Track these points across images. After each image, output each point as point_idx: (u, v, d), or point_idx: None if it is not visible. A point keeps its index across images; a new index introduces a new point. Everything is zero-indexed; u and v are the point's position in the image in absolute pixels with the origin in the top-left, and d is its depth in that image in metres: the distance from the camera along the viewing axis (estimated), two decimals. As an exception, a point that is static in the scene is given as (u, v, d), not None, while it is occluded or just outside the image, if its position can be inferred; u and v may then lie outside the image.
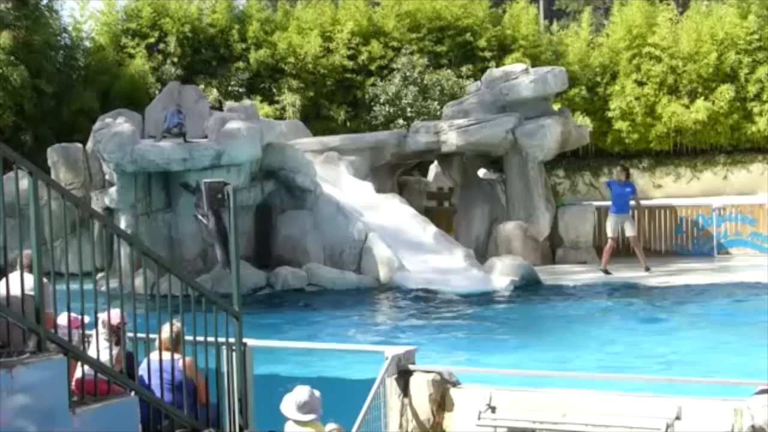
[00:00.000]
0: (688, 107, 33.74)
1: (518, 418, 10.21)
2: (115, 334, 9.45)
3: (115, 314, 9.54)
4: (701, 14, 36.09)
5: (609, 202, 28.49)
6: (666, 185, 33.72)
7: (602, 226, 30.29)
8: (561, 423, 10.03)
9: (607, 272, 26.98)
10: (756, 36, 34.08)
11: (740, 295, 23.68)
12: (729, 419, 9.53)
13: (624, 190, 27.75)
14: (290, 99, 34.34)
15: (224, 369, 10.28)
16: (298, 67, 35.24)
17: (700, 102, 33.59)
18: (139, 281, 9.66)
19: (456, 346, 18.83)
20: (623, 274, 26.90)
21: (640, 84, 34.68)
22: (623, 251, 29.63)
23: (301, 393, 9.56)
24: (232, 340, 10.28)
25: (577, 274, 27.36)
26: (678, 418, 9.55)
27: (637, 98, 34.32)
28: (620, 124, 34.22)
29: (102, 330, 9.56)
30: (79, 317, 9.31)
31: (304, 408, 9.45)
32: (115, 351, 9.32)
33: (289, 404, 9.53)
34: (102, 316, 9.59)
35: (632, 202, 27.87)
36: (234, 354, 10.29)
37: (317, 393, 9.63)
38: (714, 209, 30.58)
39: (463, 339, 19.76)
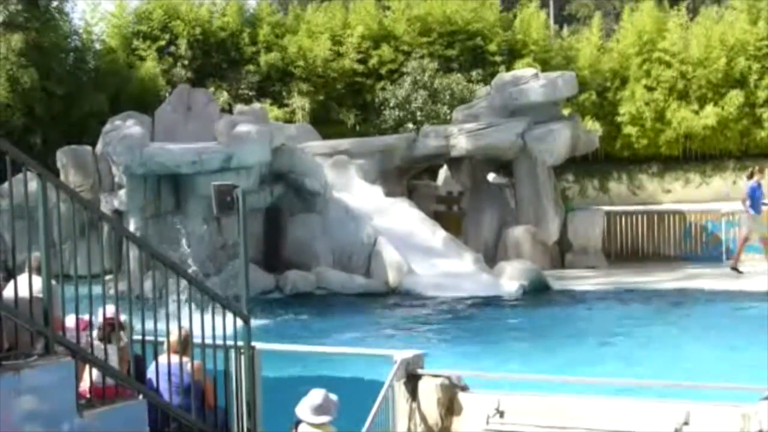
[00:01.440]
0: (697, 113, 33.75)
1: (526, 423, 10.20)
2: (107, 329, 9.37)
3: (108, 311, 9.50)
4: (711, 20, 36.11)
5: (619, 207, 28.45)
6: (675, 190, 33.70)
7: (611, 230, 30.32)
8: (569, 428, 10.02)
9: (738, 271, 26.76)
10: (766, 42, 34.09)
11: (749, 300, 23.62)
12: (737, 424, 9.51)
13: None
14: (300, 102, 34.40)
15: (232, 372, 10.28)
16: (308, 70, 35.30)
17: (709, 108, 33.59)
18: (147, 284, 9.63)
19: (464, 350, 18.80)
20: (632, 278, 26.85)
21: (650, 89, 34.68)
22: (630, 256, 29.65)
23: (316, 395, 9.57)
24: (240, 343, 10.28)
25: (586, 279, 27.31)
26: (686, 423, 9.53)
27: (646, 103, 34.33)
28: (630, 129, 34.24)
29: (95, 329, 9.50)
30: (87, 319, 9.31)
31: (318, 410, 9.45)
32: (111, 351, 9.26)
33: (303, 406, 9.53)
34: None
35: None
36: (242, 357, 10.29)
37: (334, 397, 9.63)
38: (723, 215, 30.52)
39: (472, 343, 19.73)
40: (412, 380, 10.77)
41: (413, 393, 10.75)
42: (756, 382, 10.75)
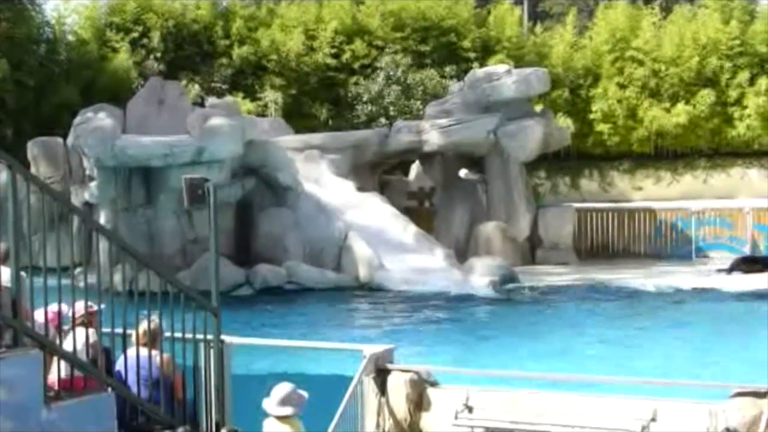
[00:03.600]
0: (669, 111, 33.86)
1: (495, 419, 10.21)
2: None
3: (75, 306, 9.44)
4: (684, 19, 36.21)
5: (590, 204, 28.56)
6: (646, 188, 33.80)
7: (582, 227, 30.48)
8: (537, 424, 10.03)
9: None
10: (737, 41, 34.23)
11: (719, 298, 23.77)
12: (704, 421, 9.55)
13: None
14: (272, 96, 34.32)
15: (201, 366, 10.24)
16: (281, 64, 35.22)
17: (681, 106, 33.71)
18: (117, 277, 9.59)
19: (434, 345, 18.84)
20: (602, 275, 26.95)
21: (623, 87, 34.78)
22: (601, 252, 29.83)
23: (282, 389, 9.54)
24: (210, 336, 10.25)
25: (556, 275, 27.41)
26: (654, 419, 9.56)
27: (619, 101, 34.42)
28: (602, 127, 34.32)
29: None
30: (56, 312, 9.25)
31: (282, 403, 9.43)
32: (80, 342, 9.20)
33: (269, 400, 9.52)
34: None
35: None
36: (212, 351, 10.26)
37: (304, 393, 9.61)
38: (693, 212, 30.68)
39: (442, 339, 19.78)
40: (381, 375, 10.76)
41: (382, 388, 10.74)
42: (724, 379, 10.81)
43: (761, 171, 33.23)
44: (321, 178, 28.84)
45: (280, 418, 9.47)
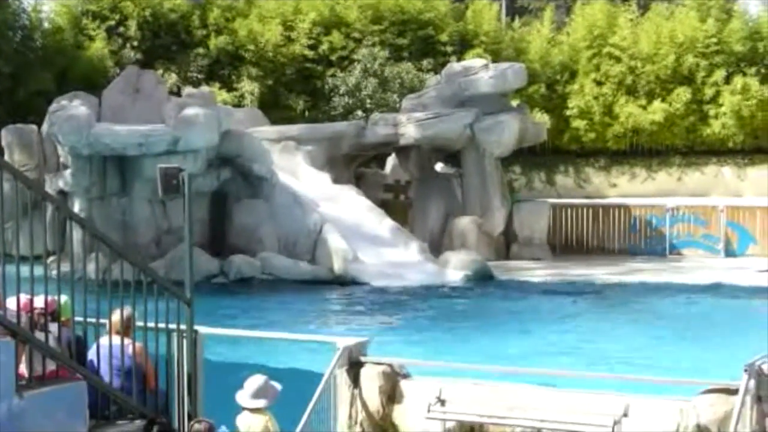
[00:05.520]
0: (645, 108, 33.94)
1: (467, 412, 10.22)
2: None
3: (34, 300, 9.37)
4: (662, 16, 36.30)
5: (565, 200, 28.64)
6: (621, 184, 33.89)
7: (557, 223, 30.59)
8: (510, 418, 10.05)
9: None
10: (714, 39, 34.33)
11: (691, 295, 23.86)
12: (675, 418, 9.59)
13: None
14: (249, 87, 34.23)
15: (174, 356, 10.21)
16: (259, 55, 35.13)
17: (657, 103, 33.80)
18: (91, 266, 9.53)
19: (408, 338, 18.84)
20: (576, 271, 27.02)
21: (599, 83, 34.85)
22: (575, 248, 29.93)
23: (255, 381, 9.56)
24: (183, 327, 10.22)
25: (530, 271, 27.47)
26: (625, 415, 9.59)
27: (595, 97, 34.50)
28: (578, 123, 34.39)
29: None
30: (29, 300, 9.19)
31: (255, 395, 9.45)
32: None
33: (242, 392, 9.53)
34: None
35: None
36: (185, 341, 10.23)
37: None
38: (667, 210, 30.80)
39: (416, 332, 19.78)
40: (354, 367, 10.76)
41: (355, 380, 10.74)
42: (695, 376, 10.85)
43: (735, 169, 33.37)
44: (297, 170, 28.80)
45: (253, 410, 9.47)
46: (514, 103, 32.04)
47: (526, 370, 11.56)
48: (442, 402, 10.32)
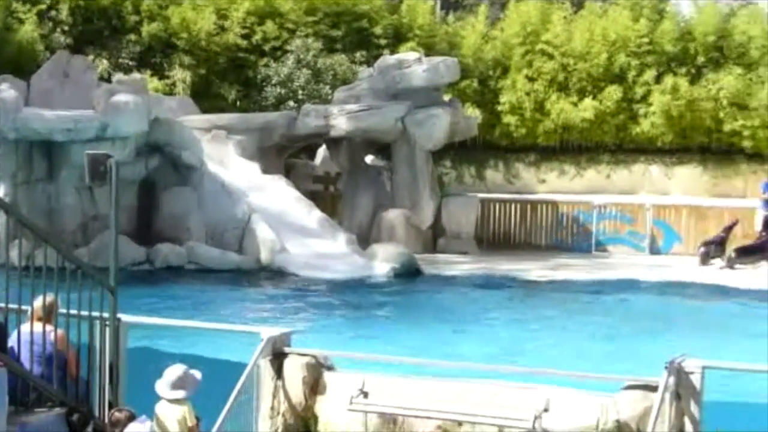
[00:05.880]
0: (576, 105, 34.21)
1: (389, 405, 10.26)
2: None
3: None
4: (595, 14, 36.57)
5: (494, 195, 28.85)
6: (550, 180, 34.13)
7: (485, 217, 30.80)
8: (431, 411, 10.10)
9: None
10: (646, 39, 34.67)
11: (615, 291, 24.08)
12: (595, 413, 9.69)
13: None
14: (181, 75, 34.00)
15: (96, 344, 10.15)
16: (191, 43, 34.90)
17: (588, 101, 34.08)
18: (14, 252, 9.46)
19: (333, 330, 18.86)
20: (502, 266, 27.17)
21: (531, 80, 35.05)
22: (502, 243, 30.14)
23: (174, 371, 9.52)
24: (106, 314, 10.16)
25: (457, 265, 27.60)
26: (546, 410, 9.68)
27: (527, 93, 34.69)
28: (509, 118, 34.57)
29: None
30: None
31: (174, 386, 9.42)
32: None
33: (161, 382, 9.49)
34: None
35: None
36: (107, 329, 10.18)
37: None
38: (594, 206, 31.08)
39: (341, 324, 19.82)
40: (278, 358, 10.76)
41: (279, 371, 10.74)
42: (617, 372, 10.97)
43: (663, 168, 33.74)
44: (226, 159, 28.70)
45: (172, 401, 9.45)
46: (447, 97, 32.12)
47: (449, 364, 11.63)
48: (365, 394, 10.35)
